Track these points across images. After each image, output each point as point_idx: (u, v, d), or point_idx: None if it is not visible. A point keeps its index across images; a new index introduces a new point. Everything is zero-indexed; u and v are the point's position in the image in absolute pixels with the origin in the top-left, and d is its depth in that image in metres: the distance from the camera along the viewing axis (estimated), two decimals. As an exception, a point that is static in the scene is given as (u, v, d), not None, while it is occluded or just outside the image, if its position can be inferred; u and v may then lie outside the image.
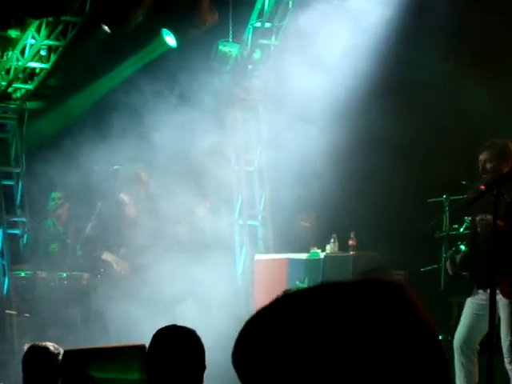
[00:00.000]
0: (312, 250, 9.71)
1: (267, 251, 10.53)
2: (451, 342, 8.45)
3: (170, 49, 10.56)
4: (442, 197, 9.15)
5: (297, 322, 1.26)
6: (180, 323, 3.83)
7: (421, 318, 1.32)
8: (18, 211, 11.37)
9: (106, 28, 10.35)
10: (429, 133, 9.64)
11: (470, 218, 8.86)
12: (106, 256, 9.62)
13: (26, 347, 4.62)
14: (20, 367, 4.57)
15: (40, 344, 4.54)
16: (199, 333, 3.78)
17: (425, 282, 9.63)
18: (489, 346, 4.58)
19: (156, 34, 10.61)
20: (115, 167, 9.80)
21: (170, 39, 10.54)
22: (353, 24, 9.63)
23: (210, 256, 9.20)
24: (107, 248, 9.63)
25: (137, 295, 8.89)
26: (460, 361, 7.24)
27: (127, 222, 9.53)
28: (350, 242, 9.53)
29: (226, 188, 10.30)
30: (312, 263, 9.57)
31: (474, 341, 7.19)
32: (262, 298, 9.02)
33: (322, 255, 9.62)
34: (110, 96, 10.73)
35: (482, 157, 7.31)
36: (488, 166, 7.23)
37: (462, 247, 8.83)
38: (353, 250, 9.53)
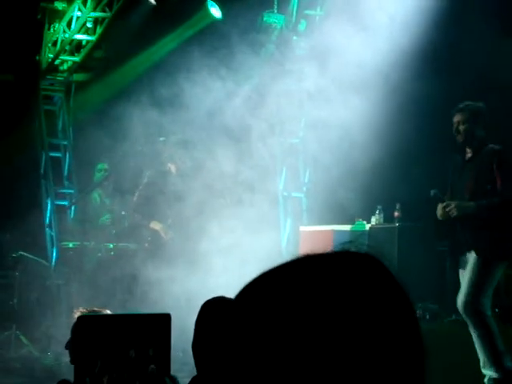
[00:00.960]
0: (357, 221, 9.69)
1: (312, 223, 10.54)
2: (499, 314, 8.43)
3: (215, 20, 10.55)
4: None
5: (280, 296, 1.26)
6: (227, 295, 3.84)
7: (399, 289, 1.33)
8: (66, 183, 11.51)
9: (151, 0, 10.38)
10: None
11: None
12: (154, 225, 9.70)
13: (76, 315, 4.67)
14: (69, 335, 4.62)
15: (91, 309, 4.58)
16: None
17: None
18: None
19: (201, 5, 10.61)
20: (161, 139, 9.85)
21: (215, 11, 10.54)
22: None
23: (255, 228, 9.23)
24: (155, 217, 9.71)
25: (184, 264, 8.96)
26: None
27: (174, 192, 9.59)
28: (396, 214, 9.50)
29: (270, 159, 10.31)
30: (357, 234, 9.56)
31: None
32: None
33: (368, 226, 9.61)
34: (154, 69, 10.77)
35: (456, 119, 7.31)
36: (461, 127, 7.22)
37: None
38: (398, 222, 9.50)
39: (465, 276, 7.31)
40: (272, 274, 1.31)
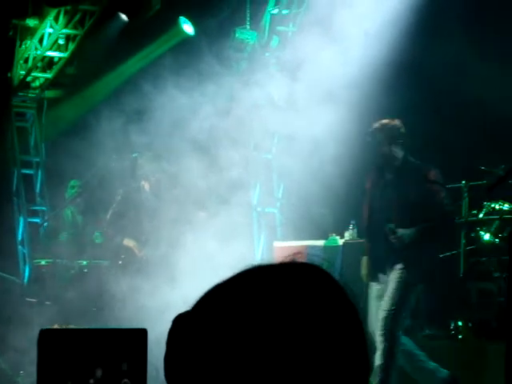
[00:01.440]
0: (330, 237, 9.71)
1: (286, 238, 10.54)
2: (472, 328, 8.47)
3: (188, 37, 10.57)
4: (460, 183, 9.14)
5: (230, 307, 1.30)
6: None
7: (343, 299, 1.35)
8: (38, 200, 11.45)
9: (123, 16, 10.38)
10: (446, 118, 9.62)
11: (489, 204, 8.87)
12: (128, 242, 9.67)
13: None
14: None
15: (64, 326, 4.54)
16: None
17: (444, 268, 9.63)
18: (508, 331, 4.58)
19: (174, 22, 10.62)
20: (134, 155, 9.84)
21: (188, 27, 10.56)
22: (373, 8, 9.60)
23: (229, 243, 9.23)
24: (128, 235, 9.68)
25: (158, 281, 8.93)
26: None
27: (148, 209, 9.57)
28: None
29: (244, 175, 10.31)
30: (331, 249, 9.58)
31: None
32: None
33: (341, 242, 9.62)
34: (127, 84, 10.76)
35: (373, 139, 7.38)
36: (380, 150, 7.32)
37: (482, 233, 8.84)
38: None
39: (386, 296, 7.27)
40: (223, 286, 1.35)
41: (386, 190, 7.35)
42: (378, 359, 7.10)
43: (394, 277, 7.23)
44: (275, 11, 10.61)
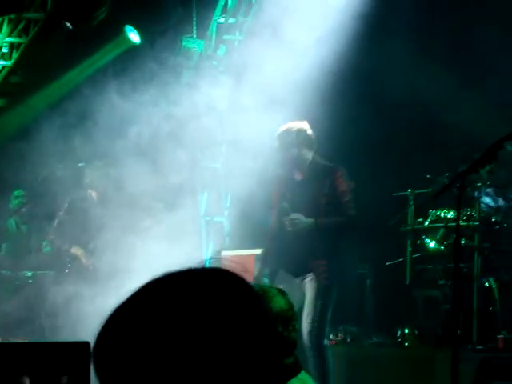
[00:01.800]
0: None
1: (234, 247, 10.53)
2: (418, 336, 8.53)
3: (134, 45, 10.52)
4: (406, 191, 9.22)
5: (145, 312, 1.35)
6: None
7: (258, 304, 1.38)
8: (-18, 210, 11.29)
9: (68, 25, 10.29)
10: (393, 127, 9.69)
11: (434, 211, 8.96)
12: (75, 250, 9.58)
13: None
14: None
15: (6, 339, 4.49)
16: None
17: (390, 276, 9.70)
18: (453, 337, 4.62)
19: (120, 30, 10.57)
20: (80, 164, 9.76)
21: (134, 36, 10.51)
22: (320, 16, 9.65)
23: (177, 251, 9.18)
24: (76, 243, 9.60)
25: (105, 289, 8.85)
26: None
27: (95, 218, 9.50)
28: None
29: (191, 184, 10.28)
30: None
31: None
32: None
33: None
34: (73, 92, 10.67)
35: (279, 142, 7.49)
36: (288, 153, 7.38)
37: (428, 241, 8.93)
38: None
39: (306, 307, 7.26)
40: (142, 292, 1.41)
41: (296, 192, 7.41)
42: (312, 371, 7.04)
43: (309, 286, 7.24)
44: (222, 20, 10.62)
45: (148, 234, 9.41)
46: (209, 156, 10.98)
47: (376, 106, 9.73)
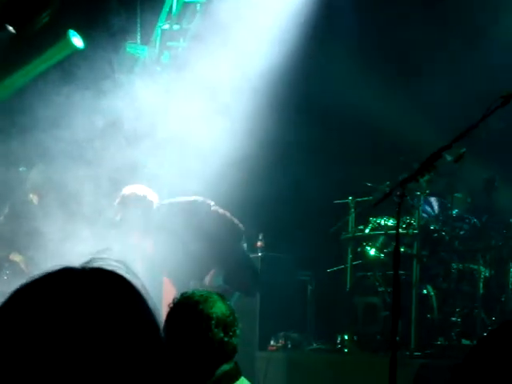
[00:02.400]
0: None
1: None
2: (357, 342, 8.62)
3: (77, 50, 10.45)
4: (347, 198, 9.32)
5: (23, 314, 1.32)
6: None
7: (141, 307, 1.36)
8: None
9: (10, 29, 10.20)
10: (333, 135, 9.78)
11: (375, 219, 9.08)
12: (14, 256, 9.49)
13: None
14: None
15: None
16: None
17: (331, 283, 9.79)
18: (392, 344, 4.69)
19: (62, 35, 10.50)
20: (21, 168, 9.67)
21: (77, 40, 10.45)
22: (265, 25, 9.71)
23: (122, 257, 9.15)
24: (15, 248, 9.50)
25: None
26: None
27: (36, 223, 9.41)
28: (259, 244, 9.61)
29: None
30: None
31: None
32: (168, 292, 9.18)
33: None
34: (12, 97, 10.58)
35: None
36: None
37: (368, 248, 9.04)
38: (261, 252, 9.61)
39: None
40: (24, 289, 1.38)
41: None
42: None
43: None
44: (166, 26, 10.62)
45: (87, 240, 9.35)
46: (152, 162, 10.94)
47: (319, 115, 9.82)
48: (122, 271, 1.39)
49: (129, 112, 10.02)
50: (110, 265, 1.40)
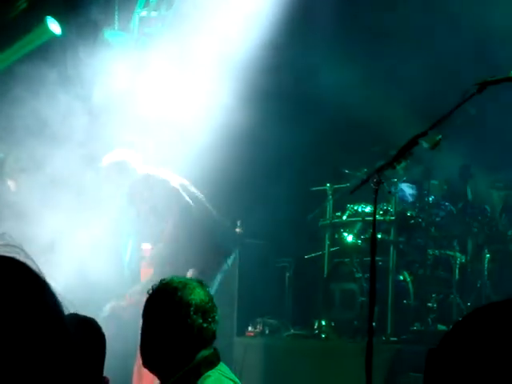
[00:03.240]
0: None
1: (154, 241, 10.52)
2: (334, 328, 8.69)
3: (55, 36, 10.41)
4: (325, 185, 9.37)
5: None
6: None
7: (40, 293, 1.33)
8: None
9: (-13, 14, 10.14)
10: (310, 122, 9.81)
11: (352, 206, 9.13)
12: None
13: None
14: None
15: None
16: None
17: (308, 269, 9.85)
18: (368, 329, 4.74)
19: (40, 21, 10.45)
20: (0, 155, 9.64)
21: (55, 27, 10.40)
22: (240, 15, 9.72)
23: (98, 243, 9.16)
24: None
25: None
26: None
27: (13, 210, 9.38)
28: (237, 230, 9.64)
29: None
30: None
31: None
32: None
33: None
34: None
35: None
36: None
37: (345, 234, 9.10)
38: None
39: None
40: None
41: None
42: None
43: None
44: (144, 13, 10.59)
45: (66, 227, 9.34)
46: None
47: (295, 103, 9.85)
48: (20, 257, 1.36)
49: (101, 91, 9.97)
50: (8, 251, 1.37)
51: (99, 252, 9.03)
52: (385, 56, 9.47)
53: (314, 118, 9.88)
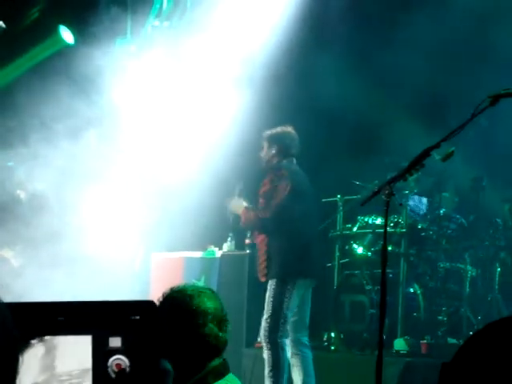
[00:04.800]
0: (208, 249, 9.77)
1: (164, 249, 10.53)
2: (344, 340, 8.65)
3: (68, 45, 10.45)
4: (336, 197, 9.35)
5: None
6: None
7: None
8: None
9: (0, 23, 10.18)
10: (322, 133, 9.80)
11: (363, 218, 9.11)
12: (5, 252, 9.49)
13: None
14: None
15: None
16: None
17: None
18: (379, 342, 4.72)
19: (53, 30, 10.49)
20: (9, 164, 9.67)
21: (68, 36, 10.44)
22: (255, 23, 9.74)
23: (108, 253, 9.17)
24: (6, 245, 9.49)
25: (36, 292, 8.78)
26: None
27: (24, 218, 9.41)
28: (247, 241, 9.63)
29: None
30: (208, 261, 9.64)
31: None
32: (158, 296, 9.10)
33: (219, 254, 9.70)
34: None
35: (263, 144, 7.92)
36: (264, 153, 7.87)
37: (355, 246, 9.07)
38: (249, 249, 9.63)
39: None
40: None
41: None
42: (266, 368, 7.36)
43: (268, 285, 7.53)
44: (156, 23, 10.62)
45: (75, 236, 9.36)
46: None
47: (307, 113, 9.83)
48: None
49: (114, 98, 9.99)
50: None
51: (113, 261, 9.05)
52: (399, 65, 9.44)
53: (324, 129, 9.87)
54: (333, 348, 8.73)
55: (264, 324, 7.44)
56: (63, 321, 2.45)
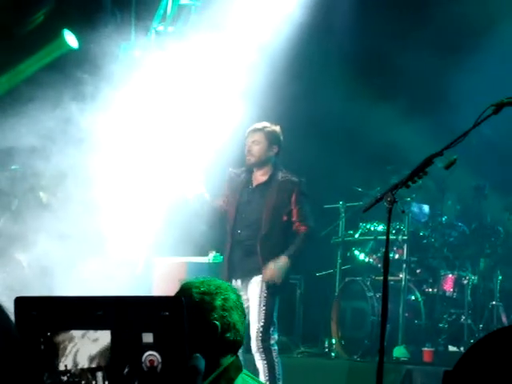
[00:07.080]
0: (215, 254, 9.75)
1: (166, 254, 10.53)
2: (344, 346, 8.65)
3: (72, 50, 10.46)
4: (338, 203, 9.36)
5: None
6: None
7: None
8: None
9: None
10: (324, 141, 9.81)
11: (364, 224, 9.12)
12: (20, 255, 9.48)
13: None
14: None
15: None
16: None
17: (320, 287, 9.82)
18: (380, 349, 4.72)
19: (57, 34, 10.50)
20: (13, 167, 9.67)
21: (72, 40, 10.45)
22: (266, 20, 9.75)
23: (112, 259, 9.17)
24: (21, 246, 9.50)
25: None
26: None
27: (45, 221, 9.40)
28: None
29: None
30: (216, 266, 9.63)
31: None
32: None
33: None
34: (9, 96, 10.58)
35: (250, 139, 7.56)
36: (255, 148, 7.51)
37: (357, 253, 9.08)
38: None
39: (253, 312, 7.42)
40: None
41: (255, 197, 7.51)
42: (261, 376, 7.24)
43: (255, 291, 7.39)
44: (160, 28, 10.64)
45: (84, 240, 9.36)
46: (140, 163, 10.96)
47: (310, 120, 9.85)
48: None
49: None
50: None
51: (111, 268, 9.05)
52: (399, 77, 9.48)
53: (327, 136, 9.89)
54: (333, 354, 8.73)
55: (256, 334, 7.34)
56: (101, 315, 2.50)
